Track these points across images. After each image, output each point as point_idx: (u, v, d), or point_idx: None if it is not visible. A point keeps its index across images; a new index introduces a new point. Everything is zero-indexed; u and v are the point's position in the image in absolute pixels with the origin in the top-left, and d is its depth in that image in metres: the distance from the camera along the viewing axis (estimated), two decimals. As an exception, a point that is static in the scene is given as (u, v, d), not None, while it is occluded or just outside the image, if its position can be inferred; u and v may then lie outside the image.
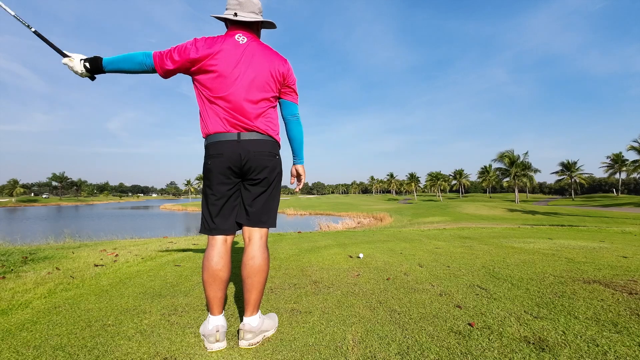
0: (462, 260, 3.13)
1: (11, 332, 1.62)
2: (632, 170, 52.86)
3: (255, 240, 1.55)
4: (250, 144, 1.49)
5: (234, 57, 1.51)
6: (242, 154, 1.48)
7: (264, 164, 1.52)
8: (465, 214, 32.94)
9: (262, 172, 1.52)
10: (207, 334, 1.43)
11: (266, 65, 1.54)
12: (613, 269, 2.60)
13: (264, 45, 1.60)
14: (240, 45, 1.54)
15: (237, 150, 1.48)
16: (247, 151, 1.49)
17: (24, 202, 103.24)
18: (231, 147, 1.48)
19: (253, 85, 1.50)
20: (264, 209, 1.56)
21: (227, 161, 1.48)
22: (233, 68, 1.50)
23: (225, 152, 1.48)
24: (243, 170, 1.51)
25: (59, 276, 2.66)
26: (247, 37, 1.58)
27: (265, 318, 1.57)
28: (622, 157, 60.15)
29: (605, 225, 10.64)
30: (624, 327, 1.53)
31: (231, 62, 1.50)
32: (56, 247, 4.44)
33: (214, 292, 1.48)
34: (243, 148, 1.48)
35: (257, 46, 1.57)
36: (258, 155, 1.50)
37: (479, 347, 1.39)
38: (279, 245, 4.31)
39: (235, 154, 1.48)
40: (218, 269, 1.48)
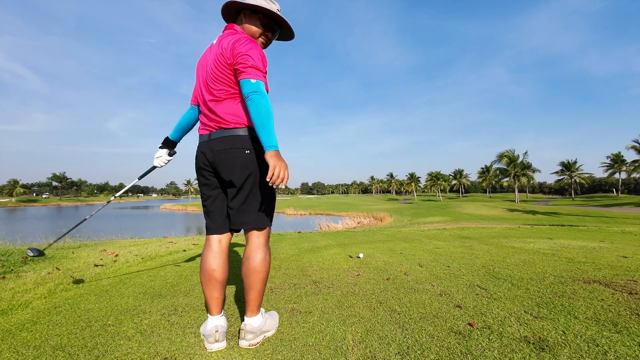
0: (462, 260, 3.13)
1: (11, 332, 1.62)
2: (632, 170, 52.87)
3: (251, 240, 1.50)
4: (215, 143, 1.45)
5: (202, 60, 1.57)
6: (207, 155, 1.47)
7: (230, 161, 1.43)
8: (465, 214, 32.94)
9: (230, 171, 1.43)
10: (207, 334, 1.43)
11: (214, 51, 1.48)
12: (613, 269, 2.60)
13: (228, 36, 1.49)
14: (210, 46, 1.56)
15: (204, 150, 1.49)
16: (211, 151, 1.46)
17: (24, 202, 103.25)
18: (201, 149, 1.52)
19: (208, 79, 1.48)
20: (243, 209, 1.47)
21: (199, 163, 1.53)
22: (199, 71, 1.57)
23: (198, 154, 1.54)
24: (216, 171, 1.49)
25: (59, 276, 2.66)
26: (220, 36, 1.54)
27: (267, 318, 1.56)
28: (622, 157, 60.15)
29: (605, 225, 10.64)
30: (624, 327, 1.53)
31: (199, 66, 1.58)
32: (56, 247, 4.44)
33: (210, 292, 1.48)
34: (209, 148, 1.47)
35: (220, 39, 1.51)
36: (222, 154, 1.43)
37: (479, 347, 1.39)
38: (279, 245, 4.31)
39: (201, 155, 1.51)
40: (212, 269, 1.49)
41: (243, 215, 1.48)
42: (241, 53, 1.41)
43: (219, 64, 1.45)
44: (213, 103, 1.47)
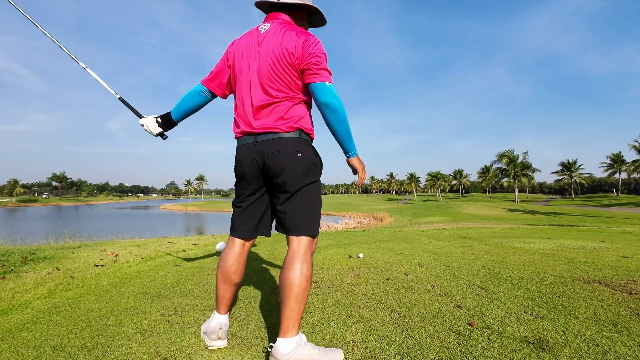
0: (462, 260, 3.13)
1: (11, 332, 1.62)
2: (632, 170, 52.87)
3: (292, 248, 1.36)
4: (265, 145, 1.36)
5: (249, 50, 1.41)
6: (255, 158, 1.38)
7: (283, 164, 1.34)
8: (465, 214, 32.94)
9: (282, 175, 1.35)
10: (209, 331, 1.42)
11: (272, 45, 1.35)
12: (613, 269, 2.60)
13: (285, 27, 1.40)
14: (259, 35, 1.42)
15: (251, 153, 1.38)
16: (260, 154, 1.36)
17: (24, 202, 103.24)
18: (247, 151, 1.40)
19: (263, 76, 1.36)
20: (294, 214, 1.36)
21: (244, 167, 1.42)
22: (242, 64, 1.42)
23: (242, 158, 1.42)
24: (265, 175, 1.40)
25: (59, 276, 2.66)
26: (271, 24, 1.43)
27: (311, 347, 1.28)
28: (622, 157, 60.16)
29: (605, 225, 10.64)
30: (624, 327, 1.53)
31: (243, 58, 1.42)
32: (56, 247, 4.44)
33: (223, 292, 1.46)
34: (257, 151, 1.37)
35: (275, 29, 1.39)
36: (275, 157, 1.34)
37: (479, 347, 1.39)
38: (279, 245, 4.30)
39: (247, 158, 1.40)
40: (231, 271, 1.45)
41: (292, 219, 1.37)
42: (314, 54, 1.33)
43: (282, 62, 1.34)
44: (268, 103, 1.36)
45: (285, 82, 1.36)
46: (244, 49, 1.43)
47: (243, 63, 1.42)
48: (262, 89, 1.37)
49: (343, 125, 1.36)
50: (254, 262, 3.18)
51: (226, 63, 1.50)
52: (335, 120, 1.35)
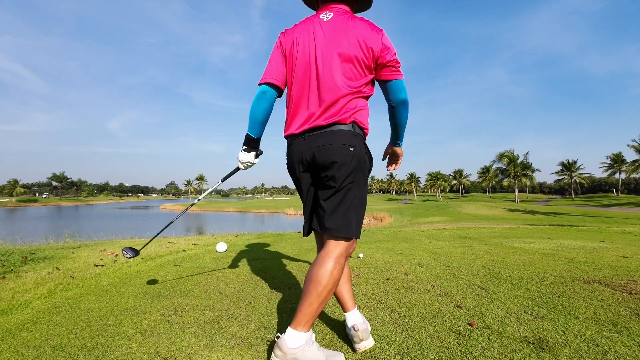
0: (462, 260, 3.13)
1: (11, 332, 1.62)
2: (632, 170, 52.88)
3: (328, 247, 1.30)
4: (316, 138, 1.31)
5: (313, 39, 1.34)
6: (305, 152, 1.33)
7: (332, 158, 1.28)
8: (465, 214, 32.93)
9: (330, 168, 1.29)
10: (351, 334, 1.38)
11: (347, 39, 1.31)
12: (613, 269, 2.60)
13: (350, 17, 1.36)
14: (323, 23, 1.36)
15: (302, 147, 1.34)
16: (310, 147, 1.31)
17: (24, 202, 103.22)
18: (298, 146, 1.36)
19: (333, 69, 1.30)
20: (335, 212, 1.30)
21: (295, 161, 1.37)
22: (306, 54, 1.34)
23: (293, 152, 1.37)
24: (314, 169, 1.34)
25: (59, 276, 2.66)
26: (335, 13, 1.38)
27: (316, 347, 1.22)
28: (622, 157, 60.18)
29: (605, 225, 10.64)
30: (624, 327, 1.53)
31: (306, 47, 1.35)
32: (56, 247, 4.44)
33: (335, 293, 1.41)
34: (308, 144, 1.32)
35: (341, 19, 1.35)
36: (325, 150, 1.29)
37: (479, 347, 1.39)
38: (279, 245, 4.30)
39: (298, 153, 1.35)
40: None
41: (332, 218, 1.30)
42: (391, 50, 1.32)
43: (358, 55, 1.30)
44: (338, 97, 1.29)
45: (354, 75, 1.31)
46: (306, 38, 1.36)
47: (307, 53, 1.34)
48: (330, 81, 1.30)
49: (406, 121, 1.45)
50: (255, 262, 3.18)
51: (282, 53, 1.41)
52: (405, 115, 1.42)
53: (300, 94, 1.35)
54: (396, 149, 1.58)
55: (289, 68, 1.40)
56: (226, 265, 3.02)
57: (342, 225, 1.29)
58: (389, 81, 1.34)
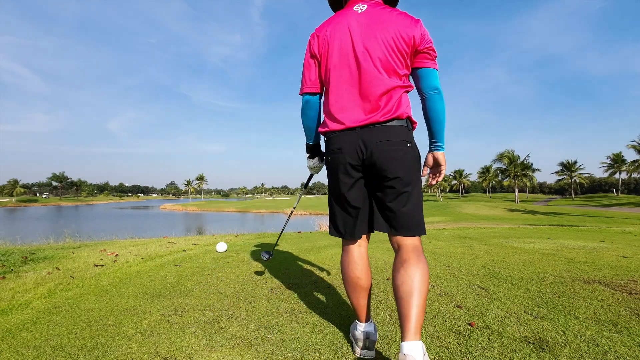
0: (462, 260, 3.13)
1: (11, 332, 1.62)
2: (632, 170, 52.88)
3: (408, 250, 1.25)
4: (373, 134, 1.25)
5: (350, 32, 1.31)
6: (358, 148, 1.26)
7: (394, 156, 1.23)
8: (465, 214, 32.94)
9: (393, 167, 1.24)
10: (357, 338, 1.36)
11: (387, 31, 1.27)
12: (613, 269, 2.60)
13: (385, 8, 1.34)
14: (359, 15, 1.33)
15: (354, 143, 1.27)
16: (364, 143, 1.26)
17: (24, 202, 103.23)
18: (348, 140, 1.28)
19: (375, 61, 1.26)
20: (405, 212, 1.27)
21: (345, 158, 1.29)
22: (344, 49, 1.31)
23: (342, 147, 1.29)
24: (371, 167, 1.27)
25: (59, 276, 2.66)
26: (368, 4, 1.35)
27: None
28: (622, 157, 60.18)
29: (605, 225, 10.64)
30: (624, 327, 1.53)
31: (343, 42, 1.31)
32: (56, 247, 4.44)
33: (356, 300, 1.36)
34: (361, 140, 1.26)
35: (378, 11, 1.32)
36: (385, 146, 1.23)
37: (479, 347, 1.39)
38: (279, 245, 4.30)
39: (350, 148, 1.28)
40: (357, 277, 1.35)
41: (407, 218, 1.26)
42: (428, 38, 1.29)
43: (400, 46, 1.26)
44: (385, 91, 1.25)
45: (399, 67, 1.27)
46: (342, 32, 1.32)
47: (345, 46, 1.31)
48: (373, 75, 1.26)
49: (443, 114, 1.32)
50: (255, 262, 3.18)
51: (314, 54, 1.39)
52: (442, 106, 1.30)
53: (343, 88, 1.31)
54: (437, 155, 1.36)
55: (325, 64, 1.36)
56: (226, 265, 3.02)
57: (416, 224, 1.27)
58: (423, 68, 1.29)
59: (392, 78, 1.27)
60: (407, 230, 1.26)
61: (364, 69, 1.27)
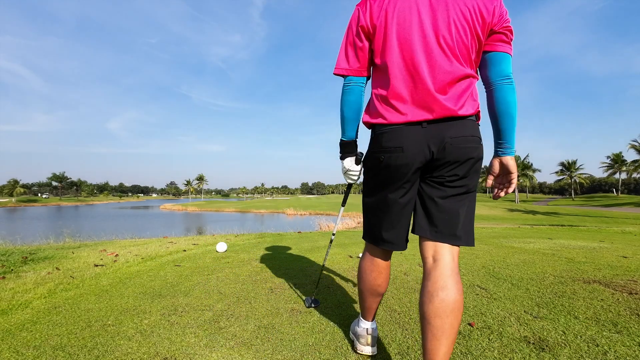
0: (462, 260, 3.13)
1: (11, 332, 1.62)
2: (632, 170, 52.89)
3: (445, 262, 1.06)
4: (446, 128, 1.05)
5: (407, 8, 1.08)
6: (427, 144, 1.06)
7: (468, 154, 1.06)
8: (465, 214, 32.90)
9: (464, 166, 1.07)
10: (359, 334, 1.37)
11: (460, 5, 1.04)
12: (613, 269, 2.60)
13: None
14: None
15: (425, 138, 1.06)
16: (436, 138, 1.05)
17: (24, 202, 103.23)
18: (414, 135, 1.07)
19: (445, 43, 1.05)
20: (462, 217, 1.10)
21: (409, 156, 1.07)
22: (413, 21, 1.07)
23: (406, 143, 1.07)
24: (436, 166, 1.08)
25: (59, 276, 2.66)
26: None
27: None
28: (622, 157, 60.20)
29: (605, 225, 10.64)
30: (624, 327, 1.53)
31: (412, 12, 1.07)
32: (56, 247, 4.44)
33: (369, 303, 1.32)
34: (431, 135, 1.06)
35: None
36: (461, 143, 1.05)
37: (479, 347, 1.39)
38: (279, 245, 4.30)
39: (416, 145, 1.06)
40: (378, 285, 1.27)
41: (464, 224, 1.10)
42: (507, 17, 1.08)
43: (477, 25, 1.04)
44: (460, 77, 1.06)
45: (473, 51, 1.08)
46: (407, 3, 1.08)
47: (409, 23, 1.07)
48: (448, 60, 1.05)
49: (515, 108, 1.08)
50: (254, 262, 3.18)
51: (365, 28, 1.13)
52: (514, 99, 1.08)
53: (407, 73, 1.08)
54: (507, 161, 1.12)
55: (382, 41, 1.11)
56: (226, 265, 3.02)
57: (469, 232, 1.11)
58: (498, 52, 1.08)
59: (466, 65, 1.07)
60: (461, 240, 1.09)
61: (435, 52, 1.05)
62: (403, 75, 1.09)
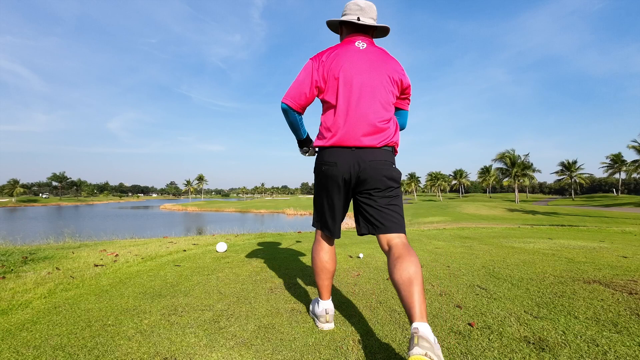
0: (462, 260, 3.13)
1: (11, 332, 1.62)
2: (632, 170, 52.85)
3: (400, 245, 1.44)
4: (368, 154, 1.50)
5: (356, 65, 1.54)
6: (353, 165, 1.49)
7: (382, 173, 1.50)
8: (465, 214, 32.92)
9: (382, 180, 1.50)
10: (318, 314, 1.64)
11: (386, 71, 1.56)
12: (613, 269, 2.60)
13: (382, 50, 1.63)
14: (361, 51, 1.58)
15: (350, 160, 1.49)
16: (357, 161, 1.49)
17: (24, 202, 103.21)
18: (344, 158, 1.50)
19: (377, 94, 1.52)
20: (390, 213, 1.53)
21: (341, 172, 1.50)
22: (353, 78, 1.52)
23: (339, 162, 1.50)
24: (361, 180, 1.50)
25: (59, 276, 2.66)
26: (367, 43, 1.61)
27: None
28: (622, 157, 60.16)
29: (605, 225, 10.64)
30: (624, 327, 1.53)
31: (353, 70, 1.53)
32: (56, 247, 4.44)
33: (322, 281, 1.66)
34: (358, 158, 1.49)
35: (376, 51, 1.60)
36: (377, 165, 1.50)
37: (479, 347, 1.39)
38: (279, 245, 4.30)
39: (346, 165, 1.50)
40: (325, 261, 1.65)
41: (397, 220, 1.51)
42: (410, 84, 1.66)
43: (395, 87, 1.59)
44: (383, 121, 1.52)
45: (392, 102, 1.58)
46: (347, 63, 1.54)
47: (350, 77, 1.52)
48: (377, 107, 1.51)
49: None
50: (255, 262, 3.18)
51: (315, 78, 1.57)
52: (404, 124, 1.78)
53: (347, 113, 1.51)
54: None
55: (329, 89, 1.55)
56: (226, 265, 3.02)
57: (402, 224, 1.53)
58: (403, 110, 1.73)
59: (388, 110, 1.55)
60: (400, 229, 1.50)
61: (368, 102, 1.51)
62: (343, 115, 1.51)
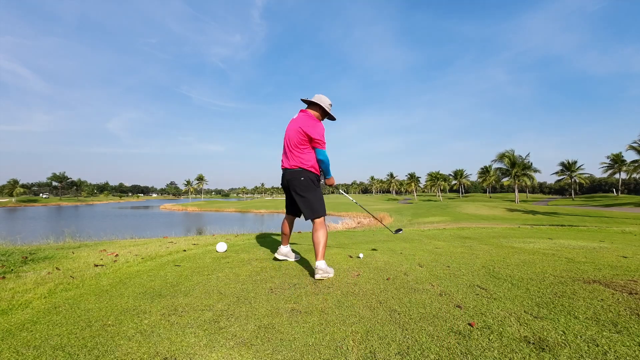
0: (462, 260, 3.13)
1: (11, 332, 1.62)
2: (632, 170, 52.85)
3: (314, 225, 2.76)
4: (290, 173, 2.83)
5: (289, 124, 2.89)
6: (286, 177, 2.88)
7: (297, 183, 2.80)
8: (465, 214, 32.92)
9: (299, 187, 2.79)
10: (279, 252, 3.15)
11: (296, 126, 2.76)
12: (613, 269, 2.60)
13: (306, 114, 2.83)
14: (295, 117, 2.88)
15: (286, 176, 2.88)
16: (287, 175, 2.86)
17: (24, 202, 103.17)
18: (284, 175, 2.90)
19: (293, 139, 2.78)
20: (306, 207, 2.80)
21: (284, 183, 2.93)
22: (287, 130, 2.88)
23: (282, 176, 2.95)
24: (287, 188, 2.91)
25: (59, 276, 2.66)
26: (300, 111, 2.89)
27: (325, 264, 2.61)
28: (622, 157, 60.15)
29: (605, 225, 10.64)
30: (624, 327, 1.53)
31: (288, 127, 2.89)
32: (56, 247, 4.44)
33: (282, 238, 3.17)
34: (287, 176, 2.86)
35: (300, 115, 2.84)
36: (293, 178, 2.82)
37: (479, 347, 1.39)
38: (279, 245, 4.30)
39: (284, 178, 2.91)
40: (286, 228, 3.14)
41: (306, 212, 2.79)
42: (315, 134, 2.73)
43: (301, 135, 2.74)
44: (295, 153, 2.80)
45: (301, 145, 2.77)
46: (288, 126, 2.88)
47: (287, 130, 2.88)
48: (293, 146, 2.79)
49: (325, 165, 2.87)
50: (255, 262, 3.18)
51: None
52: (322, 166, 2.87)
53: (284, 152, 2.91)
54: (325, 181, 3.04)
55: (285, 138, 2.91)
56: (226, 265, 3.02)
57: (312, 213, 2.78)
58: (316, 149, 2.80)
59: (299, 149, 2.78)
60: (310, 217, 2.79)
61: (290, 144, 2.82)
62: (284, 151, 2.90)
